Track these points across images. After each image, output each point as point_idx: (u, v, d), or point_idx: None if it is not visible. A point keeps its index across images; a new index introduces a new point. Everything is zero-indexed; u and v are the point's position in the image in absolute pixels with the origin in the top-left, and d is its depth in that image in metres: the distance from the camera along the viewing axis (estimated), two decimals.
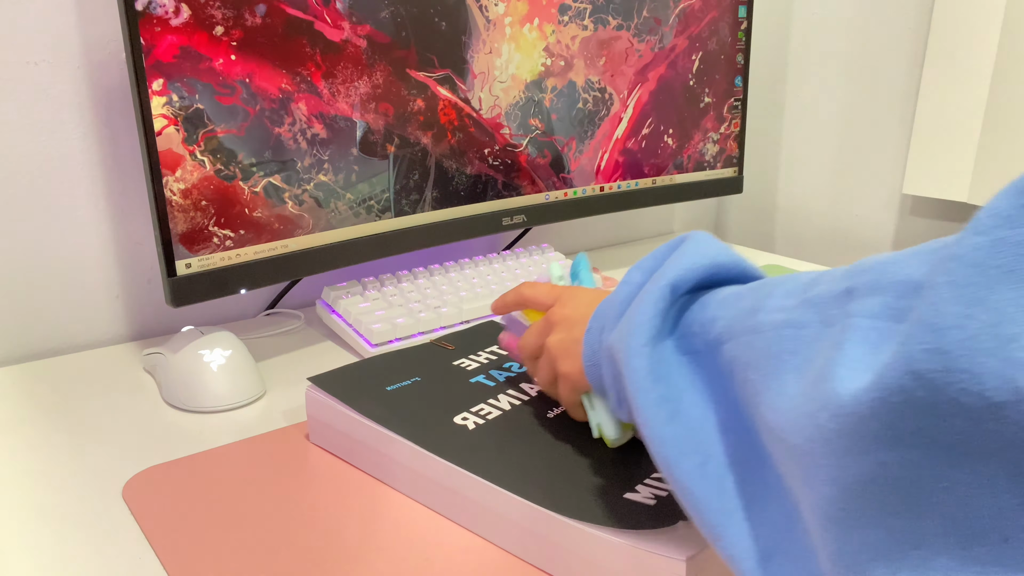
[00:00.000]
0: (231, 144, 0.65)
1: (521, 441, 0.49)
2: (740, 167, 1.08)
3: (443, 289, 0.81)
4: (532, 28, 0.84)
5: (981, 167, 0.95)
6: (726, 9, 1.00)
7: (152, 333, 0.81)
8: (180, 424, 0.60)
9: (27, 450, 0.57)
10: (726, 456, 0.34)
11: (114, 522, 0.48)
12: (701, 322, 0.37)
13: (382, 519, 0.48)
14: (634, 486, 0.44)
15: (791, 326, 0.31)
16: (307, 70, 0.68)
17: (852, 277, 0.30)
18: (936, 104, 0.99)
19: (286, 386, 0.67)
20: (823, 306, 0.30)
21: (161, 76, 0.60)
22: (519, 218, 0.88)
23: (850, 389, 0.25)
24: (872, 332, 0.27)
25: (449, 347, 0.63)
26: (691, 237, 0.42)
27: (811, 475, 0.27)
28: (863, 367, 0.26)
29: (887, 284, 0.27)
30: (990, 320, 0.22)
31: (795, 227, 1.25)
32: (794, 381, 0.29)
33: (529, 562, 0.44)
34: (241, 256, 0.67)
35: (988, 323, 0.22)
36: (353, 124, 0.72)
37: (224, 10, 0.62)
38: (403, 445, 0.49)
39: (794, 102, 1.21)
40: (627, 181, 0.98)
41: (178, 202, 0.62)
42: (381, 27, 0.72)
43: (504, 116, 0.84)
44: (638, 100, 0.96)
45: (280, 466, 0.54)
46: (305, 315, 0.84)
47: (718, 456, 0.34)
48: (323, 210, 0.72)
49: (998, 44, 0.92)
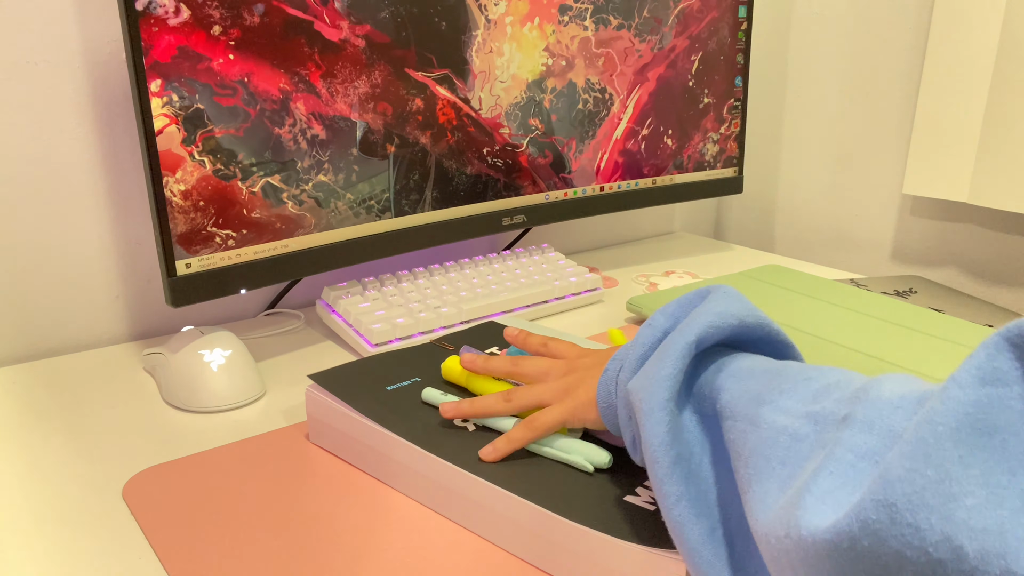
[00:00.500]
0: (231, 144, 0.65)
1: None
2: (740, 167, 1.08)
3: (443, 289, 0.81)
4: (532, 27, 0.84)
5: (981, 167, 0.95)
6: (726, 9, 1.00)
7: (152, 333, 0.81)
8: (180, 424, 0.60)
9: (27, 450, 0.57)
10: (733, 523, 0.35)
11: (114, 522, 0.48)
12: (712, 386, 0.38)
13: (382, 519, 0.48)
14: (634, 489, 0.44)
15: (789, 435, 0.32)
16: (306, 70, 0.68)
17: (855, 403, 0.30)
18: (936, 104, 0.99)
19: (286, 386, 0.67)
20: (823, 424, 0.31)
21: (160, 76, 0.60)
22: (519, 218, 0.88)
23: (811, 524, 0.26)
24: (850, 469, 0.28)
25: (449, 347, 0.63)
26: (719, 290, 0.42)
27: (784, 574, 0.28)
28: (828, 503, 0.27)
29: (880, 427, 0.28)
30: (935, 476, 0.23)
31: (795, 227, 1.25)
32: (776, 491, 0.30)
33: (528, 562, 0.44)
34: (241, 256, 0.67)
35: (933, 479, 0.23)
36: (352, 124, 0.72)
37: (222, 10, 0.62)
38: (403, 445, 0.49)
39: (794, 102, 1.21)
40: (627, 181, 0.98)
41: (178, 202, 0.62)
42: (380, 27, 0.72)
43: (504, 116, 0.84)
44: (638, 100, 0.96)
45: (280, 466, 0.54)
46: (305, 315, 0.84)
47: (726, 522, 0.35)
48: (323, 210, 0.72)
49: (998, 44, 0.92)
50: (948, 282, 1.07)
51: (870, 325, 0.75)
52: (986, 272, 1.04)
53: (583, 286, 0.88)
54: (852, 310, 0.79)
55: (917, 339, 0.71)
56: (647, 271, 1.04)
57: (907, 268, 1.11)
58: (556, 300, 0.85)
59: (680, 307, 0.43)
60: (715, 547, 0.34)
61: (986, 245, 1.03)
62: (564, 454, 0.46)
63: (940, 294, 0.96)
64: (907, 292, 0.96)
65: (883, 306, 0.80)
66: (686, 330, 0.39)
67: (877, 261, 1.15)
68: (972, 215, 1.04)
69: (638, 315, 0.82)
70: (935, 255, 1.08)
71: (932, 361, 0.66)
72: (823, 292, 0.84)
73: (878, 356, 0.67)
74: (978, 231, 1.04)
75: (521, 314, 0.82)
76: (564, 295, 0.86)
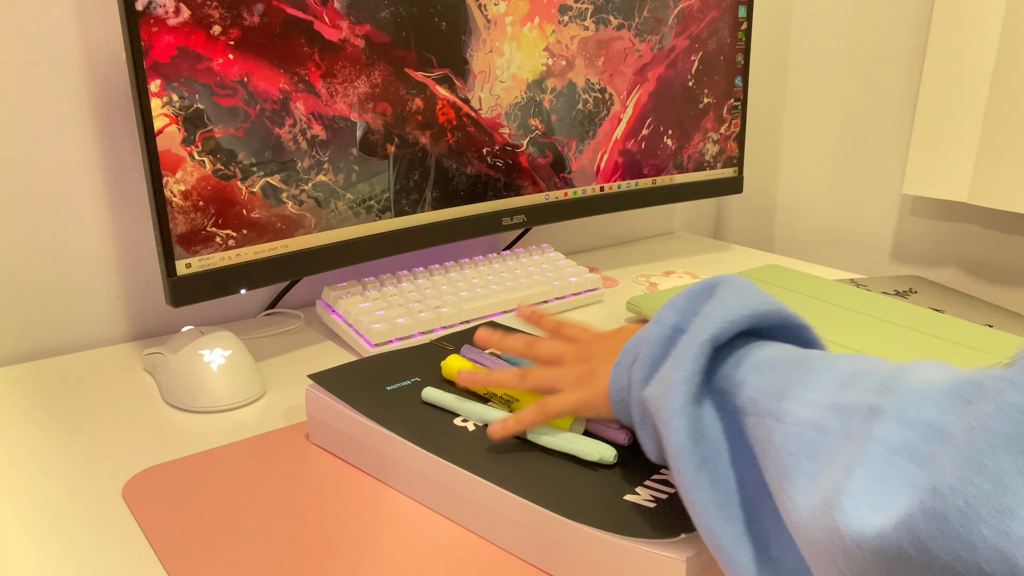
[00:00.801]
0: (231, 144, 0.65)
1: (520, 441, 0.49)
2: (740, 167, 1.08)
3: (443, 289, 0.81)
4: (532, 27, 0.84)
5: (981, 167, 0.95)
6: (726, 9, 1.00)
7: (152, 333, 0.81)
8: (180, 424, 0.60)
9: (27, 450, 0.57)
10: (765, 520, 0.34)
11: (114, 522, 0.48)
12: (732, 381, 0.37)
13: (382, 519, 0.48)
14: (634, 488, 0.44)
15: (814, 428, 0.31)
16: (306, 70, 0.68)
17: (883, 394, 0.29)
18: (936, 104, 0.98)
19: (286, 386, 0.67)
20: (849, 416, 0.30)
21: (160, 76, 0.60)
22: (519, 218, 0.88)
23: (854, 527, 0.25)
24: (885, 465, 0.26)
25: (449, 347, 0.63)
26: (728, 282, 0.41)
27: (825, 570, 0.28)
28: (867, 503, 0.26)
29: (913, 418, 0.27)
30: (990, 488, 0.22)
31: (795, 227, 1.25)
32: (807, 489, 0.29)
33: (528, 562, 0.44)
34: (241, 256, 0.67)
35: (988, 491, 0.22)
36: (352, 124, 0.72)
37: (222, 9, 0.62)
38: (403, 445, 0.49)
39: (794, 102, 1.21)
40: (627, 181, 0.98)
41: (178, 202, 0.62)
42: (380, 27, 0.72)
43: (504, 116, 0.84)
44: (638, 100, 0.96)
45: (280, 466, 0.54)
46: (305, 315, 0.84)
47: (757, 521, 0.34)
48: (323, 210, 0.72)
49: (998, 44, 0.92)
50: (948, 282, 1.07)
51: (870, 325, 0.75)
52: (986, 272, 1.04)
53: (583, 286, 0.88)
54: (852, 310, 0.79)
55: (917, 339, 0.71)
56: (647, 271, 1.04)
57: (907, 268, 1.11)
58: (556, 300, 0.85)
59: (689, 301, 0.42)
60: (749, 548, 0.33)
61: (986, 245, 1.03)
62: (570, 444, 0.47)
63: (940, 294, 0.96)
64: (907, 292, 0.96)
65: (883, 306, 0.80)
66: (698, 330, 0.38)
67: (877, 261, 1.15)
68: (972, 215, 1.04)
69: (638, 315, 0.82)
70: (935, 255, 1.08)
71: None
72: (823, 292, 0.84)
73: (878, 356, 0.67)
74: (978, 231, 1.04)
75: None
76: (564, 295, 0.86)
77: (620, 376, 0.43)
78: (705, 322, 0.38)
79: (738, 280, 0.41)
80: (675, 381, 0.37)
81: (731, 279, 0.41)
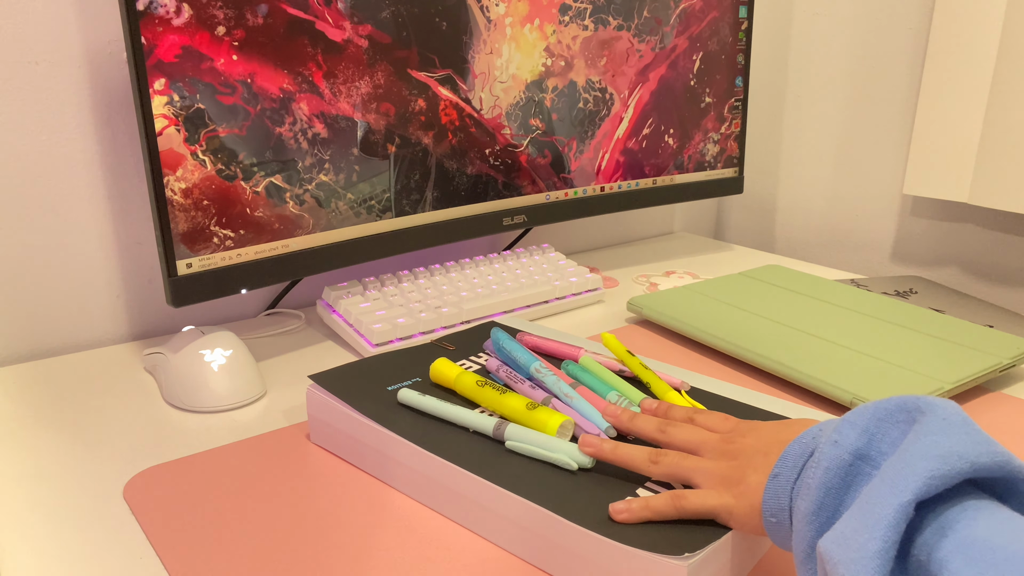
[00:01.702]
0: (232, 144, 0.65)
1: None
2: (740, 167, 1.08)
3: (444, 289, 0.81)
4: (533, 28, 0.84)
5: (981, 167, 0.95)
6: (726, 9, 1.00)
7: (153, 333, 0.81)
8: (180, 424, 0.60)
9: (28, 450, 0.57)
10: None
11: (115, 522, 0.48)
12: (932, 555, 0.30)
13: (382, 519, 0.48)
14: (635, 490, 0.44)
15: None
16: (308, 70, 0.68)
17: None
18: (936, 104, 0.99)
19: (286, 386, 0.67)
20: None
21: (162, 76, 0.60)
22: (519, 218, 0.88)
23: None
24: None
25: (450, 347, 0.63)
26: (935, 413, 0.33)
27: None
28: None
29: None
30: None
31: (795, 227, 1.25)
32: None
33: (529, 562, 0.44)
34: (242, 256, 0.67)
35: None
36: (354, 124, 0.72)
37: (226, 10, 0.62)
38: (403, 445, 0.49)
39: (794, 102, 1.21)
40: (627, 181, 0.98)
41: (179, 202, 0.62)
42: (382, 27, 0.72)
43: (505, 116, 0.84)
44: (639, 100, 0.96)
45: (280, 466, 0.54)
46: (306, 315, 0.84)
47: None
48: (324, 210, 0.72)
49: (998, 44, 0.92)
50: (948, 282, 1.07)
51: (870, 325, 0.75)
52: (986, 272, 1.04)
53: (583, 286, 0.88)
54: (852, 310, 0.79)
55: (917, 339, 0.71)
56: (647, 271, 1.04)
57: (907, 268, 1.12)
58: (556, 300, 0.85)
59: (878, 424, 0.34)
60: None
61: (986, 245, 1.03)
62: (548, 452, 0.46)
63: (940, 294, 0.96)
64: (907, 292, 0.96)
65: (883, 306, 0.80)
66: (898, 478, 0.30)
67: (877, 261, 1.15)
68: (972, 215, 1.04)
69: (638, 315, 0.82)
70: (935, 255, 1.08)
71: (932, 361, 0.66)
72: (823, 292, 0.84)
73: (878, 356, 0.67)
74: (978, 231, 1.04)
75: (521, 314, 0.82)
76: (564, 295, 0.86)
77: (779, 494, 0.37)
78: (907, 470, 0.31)
79: (950, 410, 0.33)
80: (868, 552, 0.29)
81: (939, 407, 0.33)
